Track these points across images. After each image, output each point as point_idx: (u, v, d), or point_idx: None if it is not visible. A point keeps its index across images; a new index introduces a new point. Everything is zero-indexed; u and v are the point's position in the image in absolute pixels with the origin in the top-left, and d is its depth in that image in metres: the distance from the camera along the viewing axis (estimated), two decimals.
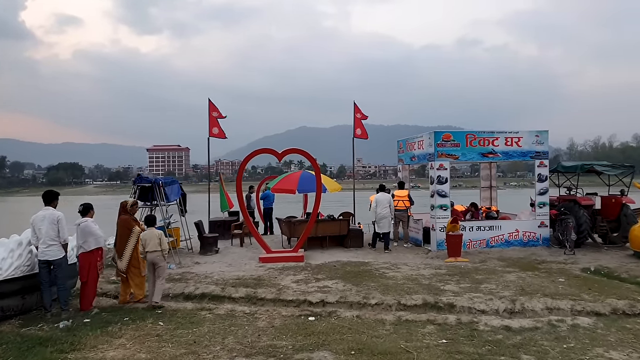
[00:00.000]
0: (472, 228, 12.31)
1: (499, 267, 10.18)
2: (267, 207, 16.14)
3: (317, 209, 11.63)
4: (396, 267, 10.28)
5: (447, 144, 12.21)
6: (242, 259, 11.67)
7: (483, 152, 12.35)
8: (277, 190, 13.21)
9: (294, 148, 11.37)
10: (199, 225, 12.59)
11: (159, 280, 7.34)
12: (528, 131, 12.59)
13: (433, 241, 12.31)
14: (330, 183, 13.68)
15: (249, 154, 11.34)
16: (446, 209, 12.18)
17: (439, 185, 12.16)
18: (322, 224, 12.73)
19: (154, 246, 7.19)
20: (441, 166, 12.18)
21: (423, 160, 13.01)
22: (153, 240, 7.21)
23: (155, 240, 7.21)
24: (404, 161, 14.73)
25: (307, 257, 11.58)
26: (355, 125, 19.53)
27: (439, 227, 12.13)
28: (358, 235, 13.16)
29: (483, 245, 12.32)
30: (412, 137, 13.89)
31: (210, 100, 18.86)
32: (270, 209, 16.14)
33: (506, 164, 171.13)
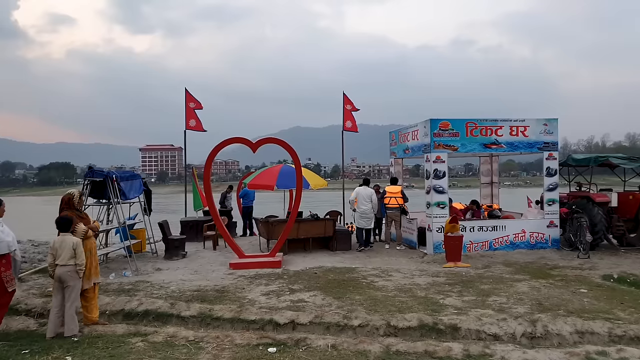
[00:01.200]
0: (473, 228, 10.89)
1: (506, 273, 8.76)
2: (246, 206, 14.65)
3: (297, 207, 10.17)
4: (387, 274, 8.84)
5: (445, 134, 10.78)
6: (211, 265, 10.19)
7: (485, 142, 10.93)
8: (253, 186, 11.74)
9: (269, 137, 9.92)
10: (163, 226, 11.09)
11: (68, 304, 5.50)
12: (535, 119, 11.18)
13: (429, 243, 10.88)
14: (313, 178, 12.22)
15: (218, 144, 9.86)
16: (444, 207, 10.75)
17: (436, 180, 10.73)
18: (304, 225, 11.27)
19: (65, 258, 5.48)
20: (438, 158, 10.75)
21: (418, 152, 11.58)
22: (65, 250, 5.49)
23: (68, 252, 5.51)
24: (397, 154, 13.29)
25: (286, 262, 10.12)
26: (344, 118, 18.10)
27: (435, 227, 10.70)
28: (345, 237, 11.70)
29: (485, 248, 10.90)
30: (406, 127, 12.46)
31: (186, 89, 17.37)
32: (249, 208, 14.65)
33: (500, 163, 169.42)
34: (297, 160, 10.01)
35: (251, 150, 9.96)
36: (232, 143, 9.97)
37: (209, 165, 9.89)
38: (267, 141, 9.88)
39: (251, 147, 9.90)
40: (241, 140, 9.92)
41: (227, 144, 9.90)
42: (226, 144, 9.90)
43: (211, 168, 9.90)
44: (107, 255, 10.71)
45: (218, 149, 9.88)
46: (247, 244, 12.91)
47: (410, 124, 12.14)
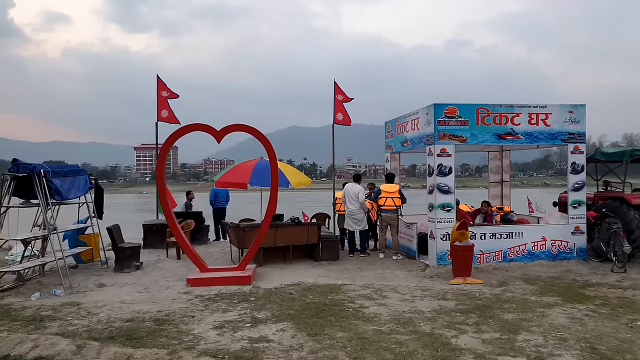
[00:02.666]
0: (484, 235, 9.09)
1: (531, 294, 6.96)
2: (217, 208, 12.80)
3: (271, 209, 8.34)
4: (381, 294, 7.02)
5: (452, 122, 8.97)
6: (167, 280, 8.36)
7: (499, 132, 9.13)
8: (223, 185, 9.91)
9: (236, 124, 8.09)
10: (112, 232, 9.23)
11: None
12: (559, 105, 9.39)
13: (432, 253, 9.08)
14: (294, 175, 10.39)
15: (175, 132, 8.03)
16: (450, 210, 8.95)
17: (441, 177, 8.92)
18: (283, 230, 9.44)
19: None
20: (443, 151, 8.94)
21: (418, 144, 9.77)
22: None
23: None
24: (394, 148, 11.47)
25: (258, 277, 8.31)
26: (335, 110, 16.30)
27: (440, 234, 8.90)
28: (332, 245, 9.88)
29: (499, 259, 9.11)
30: (404, 116, 10.65)
31: (158, 76, 15.50)
32: (221, 210, 12.80)
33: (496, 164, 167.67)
34: (271, 153, 8.19)
35: (215, 140, 8.13)
36: (191, 131, 8.14)
37: (162, 159, 8.04)
38: (234, 128, 8.05)
39: (215, 137, 8.08)
40: (203, 127, 8.08)
41: (185, 132, 8.07)
42: (184, 132, 8.06)
43: (165, 161, 8.05)
44: (43, 267, 8.84)
45: (174, 138, 8.05)
46: (219, 252, 11.08)
47: (409, 112, 10.34)
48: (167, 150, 7.99)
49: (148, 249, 11.66)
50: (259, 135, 8.07)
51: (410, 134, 10.23)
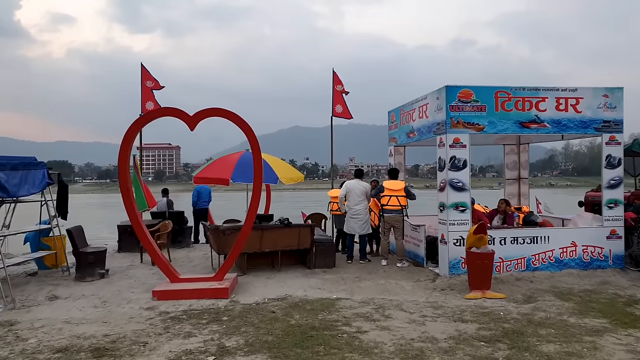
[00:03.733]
0: (504, 240, 7.80)
1: (568, 313, 5.67)
2: (198, 209, 11.51)
3: (254, 209, 7.05)
4: (383, 313, 5.74)
5: (467, 107, 7.68)
6: (132, 291, 7.10)
7: (522, 119, 7.84)
8: (202, 180, 8.65)
9: (212, 108, 6.83)
10: (72, 235, 7.96)
11: None
12: (592, 88, 8.08)
13: (443, 260, 7.79)
14: (284, 170, 9.12)
15: (141, 116, 6.78)
16: (464, 210, 7.65)
17: (454, 171, 7.64)
18: (270, 234, 8.15)
19: None
20: (456, 141, 7.65)
21: (427, 134, 8.48)
22: None
23: None
24: (398, 140, 10.17)
25: (239, 289, 7.05)
26: (334, 101, 15.07)
27: (453, 238, 7.62)
28: (327, 250, 8.58)
29: (521, 267, 7.82)
30: (410, 103, 9.35)
31: (142, 65, 14.28)
32: (204, 211, 11.54)
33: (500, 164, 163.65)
34: (254, 142, 6.90)
35: (188, 127, 6.86)
36: (160, 116, 6.87)
37: (124, 152, 6.76)
38: (208, 113, 6.76)
39: (188, 123, 6.81)
40: (174, 111, 6.80)
41: (152, 117, 6.80)
42: (151, 117, 6.80)
43: (129, 150, 6.77)
44: None
45: (140, 123, 6.78)
46: (200, 257, 9.81)
47: (416, 97, 9.04)
48: (131, 137, 6.70)
49: (123, 253, 10.44)
50: (238, 120, 6.78)
51: (417, 122, 8.94)
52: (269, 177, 8.32)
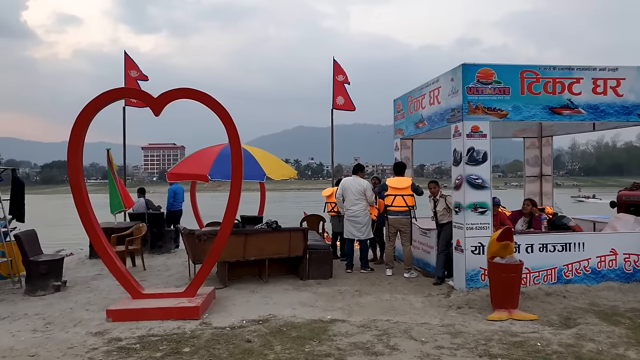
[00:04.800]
0: (530, 247, 6.58)
1: (624, 344, 4.46)
2: (175, 209, 10.34)
3: (232, 209, 5.85)
4: (387, 343, 4.55)
5: (487, 89, 6.47)
6: (86, 309, 5.95)
7: (552, 104, 6.61)
8: (176, 177, 7.46)
9: (179, 88, 5.66)
10: (20, 241, 6.79)
11: None
12: (636, 67, 6.84)
13: (459, 271, 6.58)
14: (273, 165, 7.93)
15: (95, 98, 5.59)
16: (485, 212, 6.44)
17: (472, 165, 6.43)
18: (256, 239, 6.96)
19: None
20: (475, 130, 6.44)
21: (440, 123, 7.26)
22: None
23: None
24: (405, 132, 8.95)
25: (215, 306, 5.89)
26: (335, 92, 13.93)
27: (470, 245, 6.41)
28: (323, 258, 7.37)
29: (551, 279, 6.60)
30: (420, 88, 8.13)
31: (126, 53, 13.15)
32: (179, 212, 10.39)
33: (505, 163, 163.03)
34: (231, 129, 5.71)
35: (152, 112, 5.69)
36: (118, 98, 5.68)
37: (76, 138, 5.58)
38: (175, 95, 5.58)
39: (152, 107, 5.64)
40: (134, 93, 5.64)
41: (107, 99, 5.61)
42: (107, 98, 5.61)
43: (81, 142, 5.60)
44: None
45: (94, 106, 5.60)
46: (179, 265, 8.64)
47: (426, 81, 7.82)
48: (84, 123, 5.52)
49: (95, 259, 9.26)
50: (210, 102, 5.59)
51: (427, 110, 7.72)
52: (254, 173, 7.14)
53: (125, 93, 5.58)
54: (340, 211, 8.15)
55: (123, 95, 5.58)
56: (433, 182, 7.35)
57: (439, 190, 7.26)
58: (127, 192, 9.82)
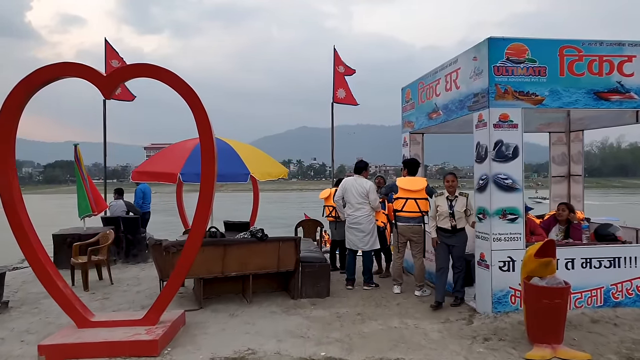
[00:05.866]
0: (571, 262, 5.39)
1: None
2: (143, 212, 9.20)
3: (202, 216, 4.68)
4: None
5: (519, 69, 5.29)
6: (22, 339, 4.80)
7: (598, 88, 5.42)
8: (142, 176, 6.28)
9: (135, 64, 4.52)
10: None
11: None
12: None
13: (483, 291, 5.39)
14: (260, 163, 6.73)
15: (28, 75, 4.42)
16: (515, 219, 5.25)
17: (500, 162, 5.25)
18: (238, 251, 5.78)
19: None
20: (504, 119, 5.27)
21: (458, 113, 6.07)
22: None
23: None
24: (415, 125, 7.75)
25: (182, 335, 4.72)
26: (335, 85, 12.79)
27: (498, 259, 5.23)
28: (319, 273, 6.18)
29: (597, 302, 5.42)
30: (433, 72, 6.93)
31: (106, 41, 12.02)
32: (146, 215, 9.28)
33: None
34: (201, 116, 4.53)
35: (102, 93, 4.52)
36: (59, 75, 4.51)
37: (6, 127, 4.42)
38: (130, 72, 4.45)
39: (101, 88, 4.48)
40: (78, 70, 4.46)
41: (44, 77, 4.45)
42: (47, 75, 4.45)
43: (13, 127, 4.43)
44: None
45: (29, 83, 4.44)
46: (153, 279, 7.45)
47: (441, 64, 6.63)
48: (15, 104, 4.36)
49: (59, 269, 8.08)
50: (171, 79, 4.43)
51: (443, 97, 6.52)
52: (235, 173, 5.98)
53: (67, 69, 4.41)
54: (340, 216, 6.97)
55: (64, 72, 4.43)
56: (452, 175, 5.95)
57: (457, 185, 5.92)
58: (99, 193, 8.66)
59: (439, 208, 5.78)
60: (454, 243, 5.71)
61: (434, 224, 5.86)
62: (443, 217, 5.73)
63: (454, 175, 5.93)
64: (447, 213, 5.67)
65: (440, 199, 5.80)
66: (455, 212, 5.66)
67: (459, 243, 5.72)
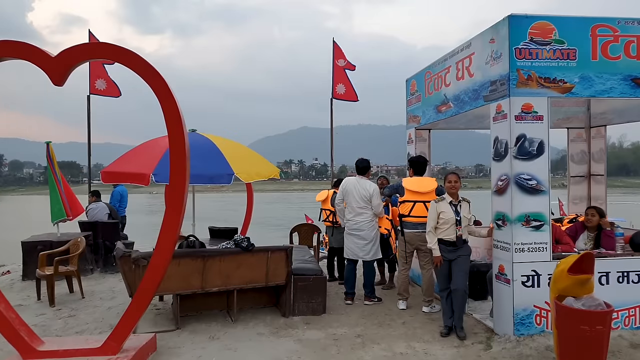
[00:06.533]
0: (606, 276, 4.65)
1: None
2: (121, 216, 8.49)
3: (173, 223, 3.93)
4: None
5: (545, 51, 4.54)
6: None
7: (636, 73, 4.67)
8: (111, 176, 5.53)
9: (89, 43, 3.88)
10: None
11: None
12: None
13: (502, 310, 4.64)
14: (247, 162, 5.95)
15: None
16: (541, 226, 4.51)
17: (523, 160, 4.51)
18: (219, 263, 5.03)
19: None
20: (527, 109, 4.52)
21: (471, 104, 5.32)
22: None
23: None
24: (421, 119, 6.99)
25: None
26: (334, 80, 12.08)
27: (520, 274, 4.48)
28: (314, 288, 5.42)
29: (635, 323, 4.67)
30: (442, 59, 6.17)
31: (90, 33, 11.28)
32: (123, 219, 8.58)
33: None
34: (170, 106, 3.79)
35: (51, 81, 3.78)
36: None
37: None
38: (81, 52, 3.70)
39: (50, 72, 3.74)
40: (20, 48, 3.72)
41: None
42: None
43: None
44: None
45: None
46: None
47: (452, 49, 5.88)
48: None
49: (29, 281, 7.35)
50: (132, 60, 3.69)
51: (454, 87, 5.77)
52: (216, 173, 5.23)
53: (6, 49, 3.66)
54: (339, 222, 6.21)
55: (3, 52, 3.69)
56: (455, 174, 4.95)
57: (460, 186, 4.96)
58: (75, 196, 7.92)
59: (443, 215, 4.78)
60: (457, 258, 4.76)
61: (435, 238, 4.83)
62: (447, 226, 4.76)
63: (457, 175, 4.98)
64: (453, 221, 4.74)
65: (443, 205, 4.82)
66: (462, 218, 4.80)
67: (464, 258, 4.79)
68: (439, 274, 4.91)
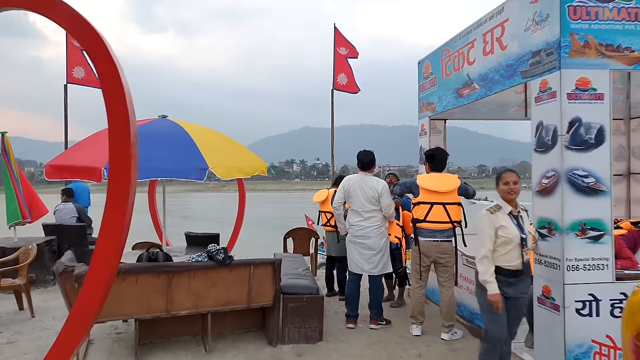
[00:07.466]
0: None
1: None
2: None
3: (115, 231, 2.90)
4: None
5: (606, 9, 3.51)
6: None
7: None
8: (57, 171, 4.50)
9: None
10: None
11: None
12: None
13: (549, 344, 3.60)
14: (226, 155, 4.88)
15: None
16: (601, 237, 3.46)
17: (577, 150, 3.47)
18: (188, 281, 4.01)
19: None
20: (583, 86, 3.48)
21: (504, 83, 4.28)
22: None
23: None
24: (437, 107, 5.94)
25: None
26: (335, 69, 11.09)
27: (574, 299, 3.43)
28: (307, 309, 4.39)
29: None
30: (465, 32, 5.13)
31: None
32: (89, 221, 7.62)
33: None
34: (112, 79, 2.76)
35: None
36: None
37: None
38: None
39: None
40: None
41: None
42: None
43: None
44: None
45: None
46: None
47: (478, 19, 4.84)
48: None
49: None
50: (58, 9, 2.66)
51: (480, 64, 4.72)
52: (186, 167, 4.20)
53: None
54: (339, 227, 5.16)
55: None
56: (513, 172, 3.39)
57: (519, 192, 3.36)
58: (37, 196, 6.90)
59: (503, 232, 3.22)
60: (518, 294, 3.32)
61: (492, 267, 3.22)
62: (510, 247, 3.23)
63: (517, 174, 3.38)
64: (517, 239, 3.23)
65: (501, 217, 3.26)
66: (528, 235, 3.33)
67: (524, 294, 3.39)
68: (494, 321, 3.28)
